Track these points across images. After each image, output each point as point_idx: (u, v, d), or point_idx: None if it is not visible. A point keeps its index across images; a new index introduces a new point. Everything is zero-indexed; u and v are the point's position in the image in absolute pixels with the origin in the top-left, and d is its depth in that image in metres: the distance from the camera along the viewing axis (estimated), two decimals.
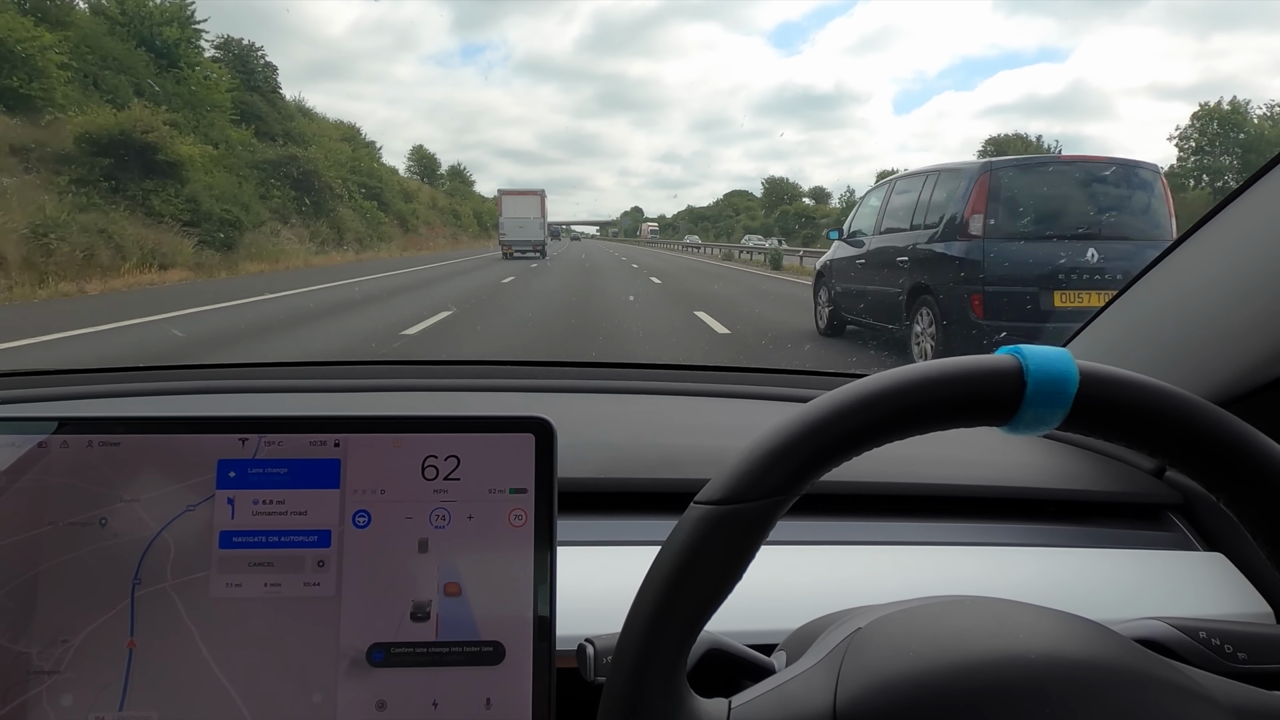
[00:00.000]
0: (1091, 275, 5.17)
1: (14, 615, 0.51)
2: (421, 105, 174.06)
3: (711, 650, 0.53)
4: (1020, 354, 0.41)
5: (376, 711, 0.51)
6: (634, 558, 0.61)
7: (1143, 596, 0.73)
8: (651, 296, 12.99)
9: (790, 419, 0.42)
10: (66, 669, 0.50)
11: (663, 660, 0.42)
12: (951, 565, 0.75)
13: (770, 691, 0.46)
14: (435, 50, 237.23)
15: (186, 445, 0.53)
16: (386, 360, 1.45)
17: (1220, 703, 0.45)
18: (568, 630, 0.54)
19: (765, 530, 0.42)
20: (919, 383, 0.41)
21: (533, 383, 1.25)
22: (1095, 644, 0.46)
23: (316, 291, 12.67)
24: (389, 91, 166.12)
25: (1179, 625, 0.55)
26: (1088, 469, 0.92)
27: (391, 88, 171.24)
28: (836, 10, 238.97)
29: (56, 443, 0.52)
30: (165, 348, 7.01)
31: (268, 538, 0.53)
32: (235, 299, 11.26)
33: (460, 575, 0.53)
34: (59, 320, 8.61)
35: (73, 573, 0.51)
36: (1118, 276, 5.00)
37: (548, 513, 0.54)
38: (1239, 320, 0.78)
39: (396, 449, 0.54)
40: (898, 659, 0.46)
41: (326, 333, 8.12)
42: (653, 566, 0.43)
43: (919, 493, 0.85)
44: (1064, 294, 5.17)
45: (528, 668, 0.52)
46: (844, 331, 7.46)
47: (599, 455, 0.87)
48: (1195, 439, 0.41)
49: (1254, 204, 0.79)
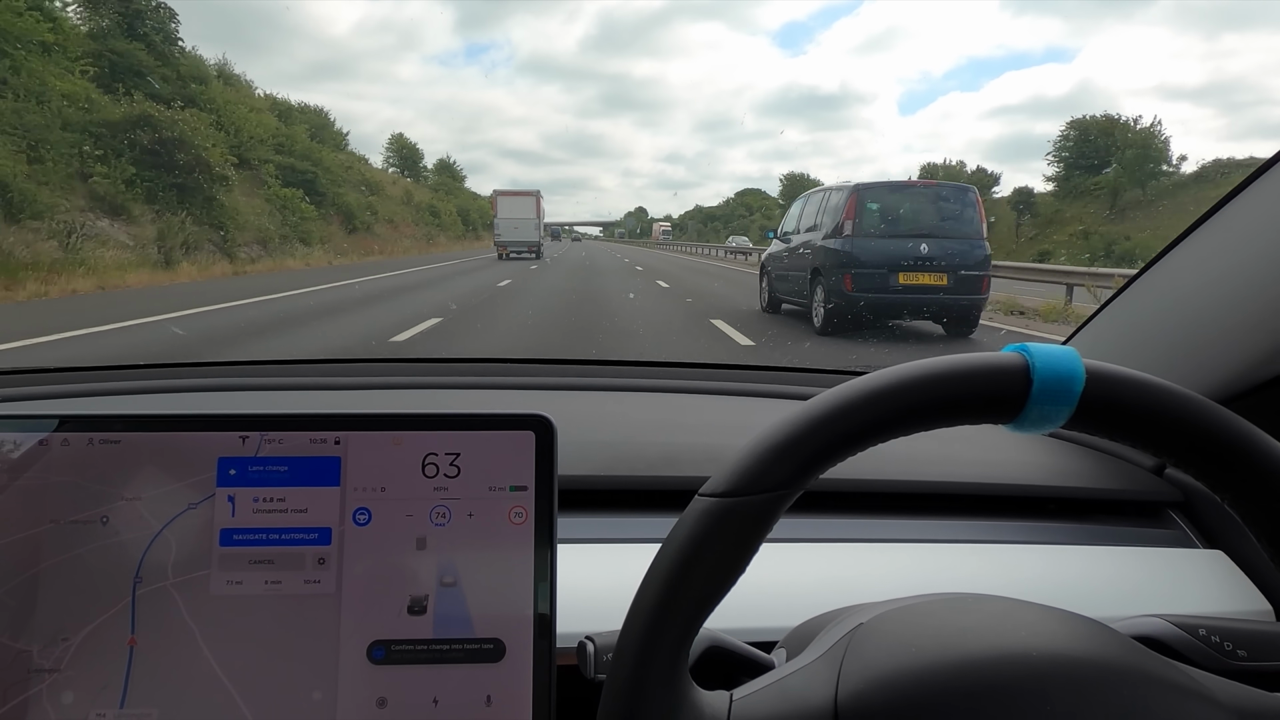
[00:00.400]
0: (924, 262, 7.89)
1: (14, 613, 0.51)
2: (424, 105, 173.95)
3: (711, 647, 0.53)
4: (1027, 352, 0.41)
5: (377, 709, 0.51)
6: (634, 555, 0.61)
7: (1143, 594, 0.73)
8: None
9: (795, 413, 0.42)
10: (67, 667, 0.51)
11: (664, 655, 0.42)
12: (952, 563, 0.75)
13: (772, 685, 0.46)
14: (439, 50, 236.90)
15: (187, 443, 0.53)
16: (387, 358, 1.45)
17: (1220, 701, 0.45)
18: (568, 628, 0.54)
19: (768, 524, 0.42)
20: (924, 379, 0.41)
21: (533, 380, 1.25)
22: (1095, 642, 0.46)
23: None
24: (392, 91, 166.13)
25: (1179, 623, 0.55)
26: (1088, 467, 0.92)
27: (394, 88, 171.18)
28: (842, 10, 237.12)
29: (57, 440, 0.52)
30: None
31: (268, 535, 0.53)
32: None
33: (460, 573, 0.53)
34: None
35: (74, 571, 0.51)
36: (942, 263, 7.85)
37: (548, 510, 0.54)
38: (1240, 317, 0.78)
39: (397, 447, 0.54)
40: (899, 655, 0.46)
41: None
42: (655, 560, 0.43)
43: (919, 490, 0.85)
44: (906, 275, 7.87)
45: (528, 665, 0.52)
46: (780, 310, 9.97)
47: (599, 453, 0.87)
48: (1200, 440, 0.41)
49: (1255, 200, 0.79)
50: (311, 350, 6.98)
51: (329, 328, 8.45)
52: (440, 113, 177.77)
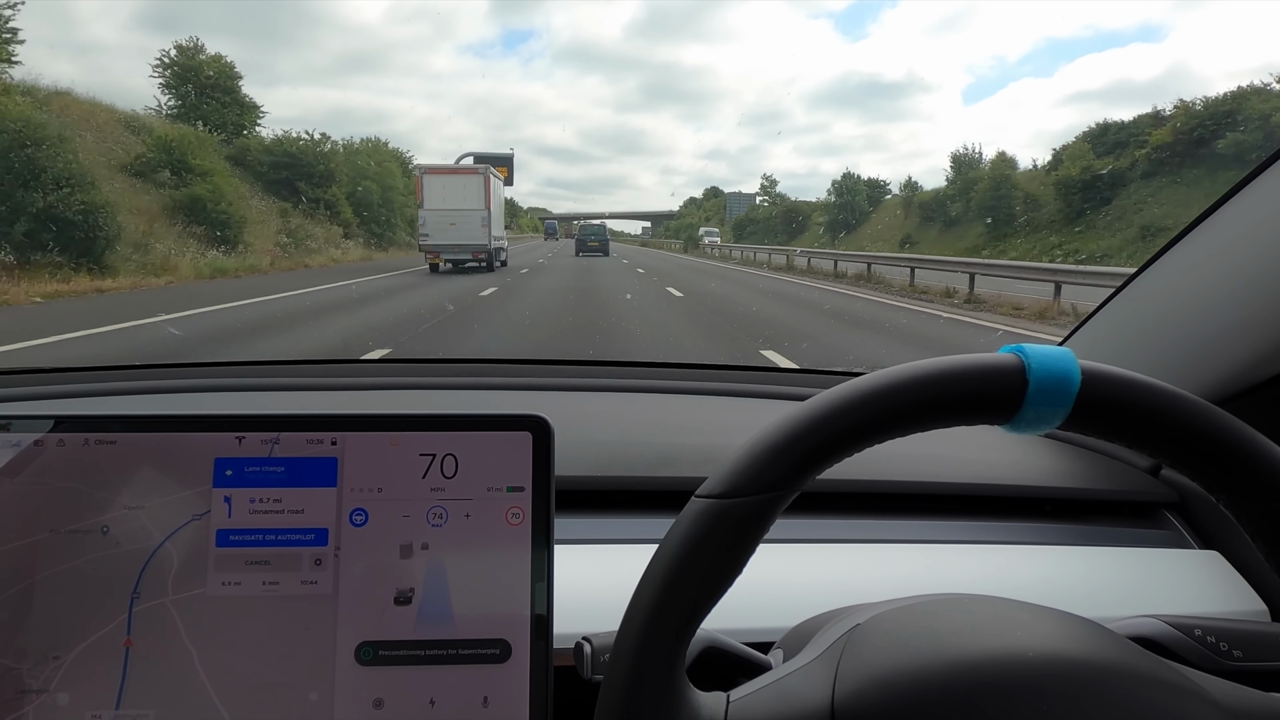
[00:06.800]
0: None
1: (6, 626, 0.50)
2: (461, 101, 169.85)
3: (709, 648, 0.53)
4: (1023, 353, 0.41)
5: (374, 709, 0.51)
6: (631, 556, 0.61)
7: (1139, 594, 0.73)
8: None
9: (792, 414, 0.42)
10: (59, 684, 0.50)
11: (661, 656, 0.42)
12: (948, 563, 0.75)
13: (768, 686, 0.46)
14: (474, 39, 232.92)
15: (183, 444, 0.53)
16: (383, 359, 1.45)
17: (1216, 701, 0.45)
18: (565, 629, 0.54)
19: (765, 525, 0.42)
20: (921, 380, 0.41)
21: (530, 381, 1.25)
22: (1092, 642, 0.46)
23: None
24: (428, 86, 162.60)
25: (1175, 623, 0.55)
26: (1084, 467, 0.92)
27: (430, 82, 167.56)
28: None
29: (53, 441, 0.52)
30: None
31: (265, 536, 0.53)
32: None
33: (457, 574, 0.53)
34: None
35: (71, 583, 0.51)
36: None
37: (545, 511, 0.54)
38: (1236, 318, 0.78)
39: (394, 447, 0.54)
40: (896, 655, 0.46)
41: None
42: (652, 561, 0.43)
43: (916, 491, 0.85)
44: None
45: (525, 666, 0.52)
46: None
47: (596, 453, 0.87)
48: (1197, 441, 0.41)
49: (1250, 201, 0.79)
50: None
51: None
52: (476, 108, 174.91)
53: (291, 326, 8.63)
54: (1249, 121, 25.30)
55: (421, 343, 7.34)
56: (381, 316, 9.62)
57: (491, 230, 20.33)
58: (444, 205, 20.08)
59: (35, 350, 6.60)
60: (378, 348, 6.77)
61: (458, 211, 19.93)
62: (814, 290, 15.36)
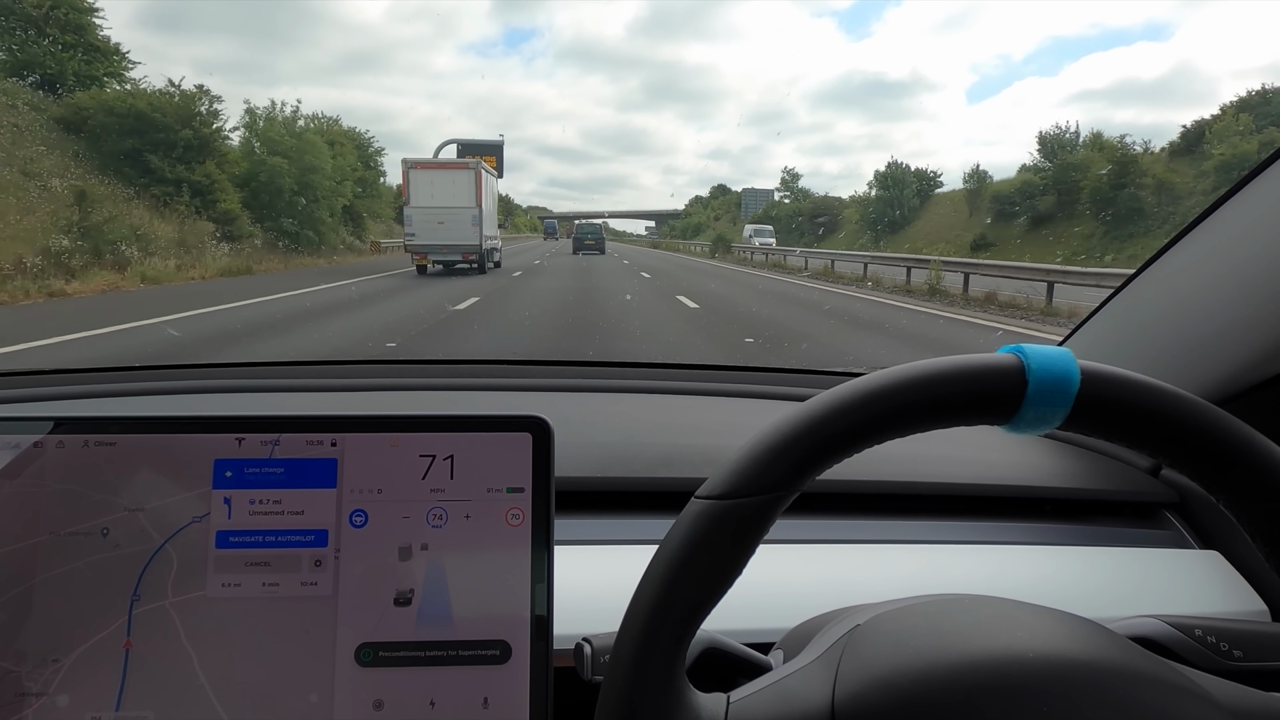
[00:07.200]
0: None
1: (5, 629, 0.50)
2: (463, 100, 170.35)
3: (709, 649, 0.53)
4: (1022, 353, 0.41)
5: (374, 711, 0.51)
6: (631, 557, 0.61)
7: (1139, 595, 0.73)
8: None
9: (792, 415, 0.42)
10: (58, 687, 0.50)
11: (661, 657, 0.42)
12: (949, 564, 0.75)
13: (769, 686, 0.46)
14: (476, 38, 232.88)
15: (183, 445, 0.53)
16: (383, 360, 1.45)
17: (1217, 701, 0.45)
18: (565, 629, 0.54)
19: (765, 526, 0.42)
20: (921, 380, 0.41)
21: (530, 382, 1.25)
22: (1092, 642, 0.46)
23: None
24: (429, 86, 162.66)
25: (1175, 623, 0.55)
26: (1084, 467, 0.92)
27: (432, 81, 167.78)
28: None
29: (52, 443, 0.52)
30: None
31: (264, 538, 0.53)
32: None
33: (457, 575, 0.53)
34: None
35: (70, 586, 0.51)
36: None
37: (545, 512, 0.54)
38: (1236, 318, 0.78)
39: (394, 448, 0.54)
40: (896, 655, 0.46)
41: None
42: (652, 562, 0.43)
43: (916, 491, 0.85)
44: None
45: (525, 667, 0.52)
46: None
47: (596, 454, 0.87)
48: (1197, 442, 0.41)
49: (1250, 202, 0.79)
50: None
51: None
52: (478, 107, 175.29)
53: None
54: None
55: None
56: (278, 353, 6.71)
57: (483, 229, 18.91)
58: (432, 202, 18.51)
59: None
60: None
61: (447, 209, 18.37)
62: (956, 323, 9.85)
